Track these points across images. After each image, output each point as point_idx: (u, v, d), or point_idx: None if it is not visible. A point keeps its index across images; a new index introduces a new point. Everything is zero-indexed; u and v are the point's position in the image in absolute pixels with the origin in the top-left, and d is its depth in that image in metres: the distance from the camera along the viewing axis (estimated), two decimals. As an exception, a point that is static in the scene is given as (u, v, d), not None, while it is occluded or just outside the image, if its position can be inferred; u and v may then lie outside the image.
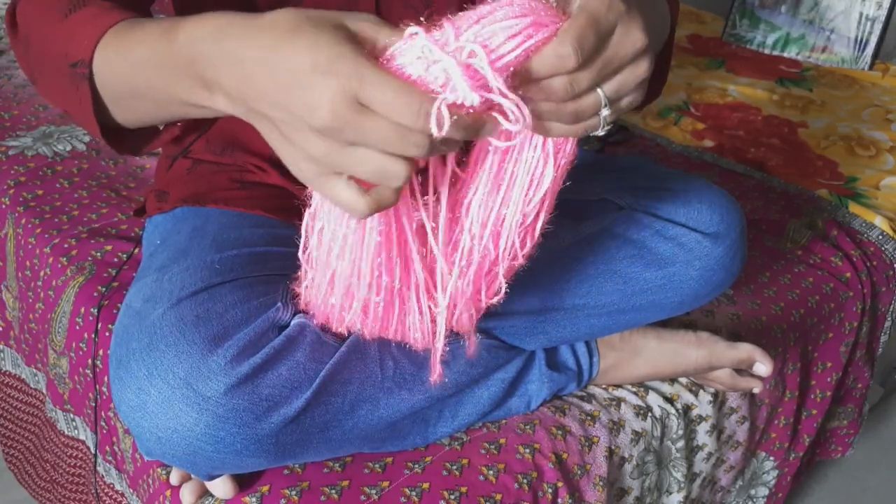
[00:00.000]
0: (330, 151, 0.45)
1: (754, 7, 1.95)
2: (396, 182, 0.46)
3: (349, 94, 0.43)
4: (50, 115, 1.36)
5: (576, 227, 0.84)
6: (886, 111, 1.70)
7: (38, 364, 1.10)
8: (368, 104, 0.43)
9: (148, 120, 0.59)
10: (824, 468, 1.47)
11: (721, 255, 0.83)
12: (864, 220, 1.33)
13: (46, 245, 1.04)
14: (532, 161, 0.53)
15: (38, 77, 0.63)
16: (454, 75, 0.44)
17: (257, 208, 0.81)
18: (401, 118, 0.43)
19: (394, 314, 0.61)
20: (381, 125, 0.44)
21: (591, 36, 0.46)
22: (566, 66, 0.46)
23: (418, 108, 0.43)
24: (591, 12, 0.47)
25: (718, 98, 1.72)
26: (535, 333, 0.84)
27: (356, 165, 0.45)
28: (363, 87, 0.43)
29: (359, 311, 0.60)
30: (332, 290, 0.59)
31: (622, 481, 0.91)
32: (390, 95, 0.43)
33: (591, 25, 0.46)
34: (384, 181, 0.46)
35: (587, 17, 0.46)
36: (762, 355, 0.91)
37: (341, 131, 0.44)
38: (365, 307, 0.60)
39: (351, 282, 0.58)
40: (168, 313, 0.66)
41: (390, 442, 0.77)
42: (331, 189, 0.47)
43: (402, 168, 0.45)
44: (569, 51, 0.46)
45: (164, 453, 0.65)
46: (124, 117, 0.59)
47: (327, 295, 0.60)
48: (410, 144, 0.44)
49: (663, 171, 0.91)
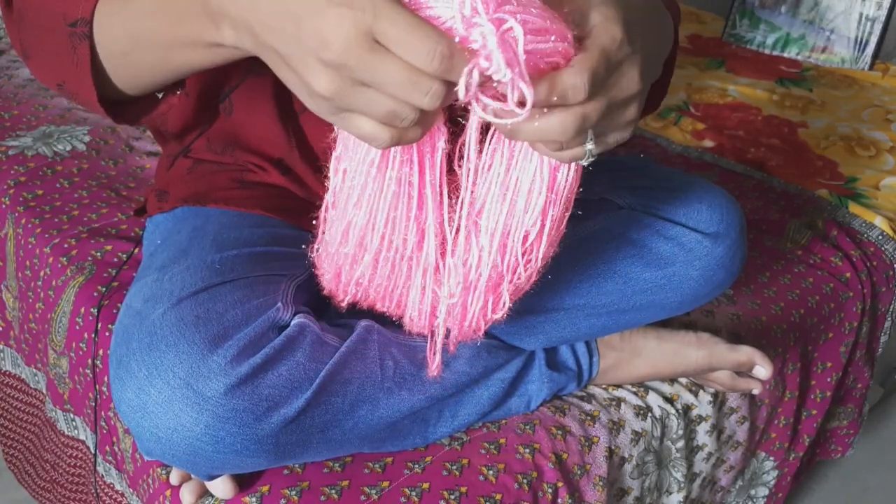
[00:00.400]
0: (340, 90, 0.43)
1: (754, 7, 1.95)
2: (407, 124, 0.44)
3: (363, 29, 0.41)
4: (50, 115, 1.36)
5: (576, 227, 0.84)
6: (886, 111, 1.70)
7: (38, 364, 1.10)
8: (383, 41, 0.42)
9: (148, 79, 0.58)
10: (824, 468, 1.47)
11: (721, 254, 0.83)
12: (864, 221, 1.33)
13: (46, 245, 1.04)
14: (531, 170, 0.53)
15: (32, 50, 0.62)
16: (491, 45, 0.42)
17: (258, 208, 0.81)
18: (414, 58, 0.41)
19: (400, 280, 0.60)
20: (393, 66, 0.42)
21: (603, 71, 0.46)
22: (575, 98, 0.45)
23: (434, 48, 0.41)
24: (604, 49, 0.46)
25: (718, 98, 1.72)
26: (535, 333, 0.84)
27: (366, 107, 0.44)
28: (378, 21, 0.41)
29: (369, 264, 0.59)
30: (346, 240, 0.58)
31: (622, 481, 0.91)
32: (405, 31, 0.41)
33: (605, 60, 0.46)
34: (395, 123, 0.44)
35: (601, 54, 0.46)
36: (762, 359, 0.91)
37: (352, 69, 0.42)
38: (375, 261, 0.58)
39: (365, 231, 0.56)
40: (168, 313, 0.66)
41: (390, 442, 0.77)
42: (348, 123, 0.46)
43: (410, 111, 0.43)
44: (583, 83, 0.45)
45: (164, 453, 0.65)
46: (124, 77, 0.58)
47: (341, 244, 0.59)
48: (422, 92, 0.42)
49: (663, 171, 0.91)
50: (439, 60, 0.41)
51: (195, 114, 0.82)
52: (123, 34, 0.55)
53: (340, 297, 0.65)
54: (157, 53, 0.55)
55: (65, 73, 0.59)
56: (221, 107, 0.82)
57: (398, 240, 0.56)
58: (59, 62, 0.59)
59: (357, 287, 0.62)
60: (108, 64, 0.57)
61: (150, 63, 0.56)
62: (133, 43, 0.55)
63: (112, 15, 0.55)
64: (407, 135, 0.46)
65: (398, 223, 0.55)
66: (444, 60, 0.42)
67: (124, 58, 0.57)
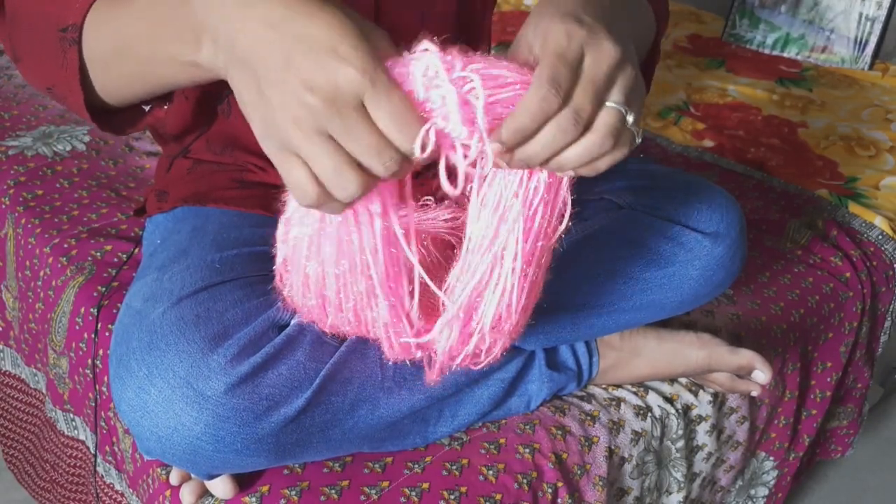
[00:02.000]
0: (301, 131, 0.43)
1: (754, 7, 1.95)
2: (342, 193, 0.45)
3: (357, 90, 0.42)
4: (49, 115, 1.36)
5: (576, 227, 0.84)
6: (886, 111, 1.70)
7: (37, 364, 1.10)
8: (371, 108, 0.43)
9: (128, 91, 0.58)
10: (824, 468, 1.47)
11: (721, 254, 0.83)
12: (863, 220, 1.33)
13: (46, 245, 1.04)
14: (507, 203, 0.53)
15: (23, 53, 0.62)
16: (451, 105, 0.44)
17: (257, 208, 0.81)
18: (396, 134, 0.43)
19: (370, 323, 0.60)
20: (369, 131, 0.43)
21: (563, 69, 0.46)
22: (551, 107, 0.46)
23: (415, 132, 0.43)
24: (553, 49, 0.46)
25: (718, 98, 1.72)
26: (535, 333, 0.84)
27: (317, 156, 0.44)
28: (375, 89, 0.43)
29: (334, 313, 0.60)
30: (307, 293, 0.59)
31: (622, 481, 0.91)
32: (398, 109, 0.43)
33: (559, 60, 0.46)
34: (334, 187, 0.45)
35: (552, 55, 0.46)
36: (762, 363, 0.91)
37: (327, 120, 0.43)
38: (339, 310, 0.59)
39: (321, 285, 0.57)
40: (168, 312, 0.66)
41: (390, 442, 0.77)
42: (287, 164, 0.45)
43: (354, 182, 0.44)
44: (547, 90, 0.45)
45: (164, 453, 0.65)
46: (107, 87, 0.58)
47: (304, 297, 0.60)
48: (384, 160, 0.44)
49: (663, 171, 0.91)
50: (419, 145, 0.43)
51: (194, 116, 0.82)
52: (107, 44, 0.55)
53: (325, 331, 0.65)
54: (137, 67, 0.55)
55: (54, 76, 0.59)
56: (220, 108, 0.82)
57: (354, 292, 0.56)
58: (48, 66, 0.59)
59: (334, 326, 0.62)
60: (92, 72, 0.58)
61: (129, 75, 0.56)
62: (115, 53, 0.55)
63: (101, 24, 0.55)
64: (330, 204, 0.46)
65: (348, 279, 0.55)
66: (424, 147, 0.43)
67: (106, 67, 0.57)
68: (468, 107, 0.45)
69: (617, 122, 0.48)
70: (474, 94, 0.45)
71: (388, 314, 0.56)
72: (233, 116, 0.81)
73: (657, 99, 1.69)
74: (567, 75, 0.46)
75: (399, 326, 0.58)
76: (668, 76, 1.80)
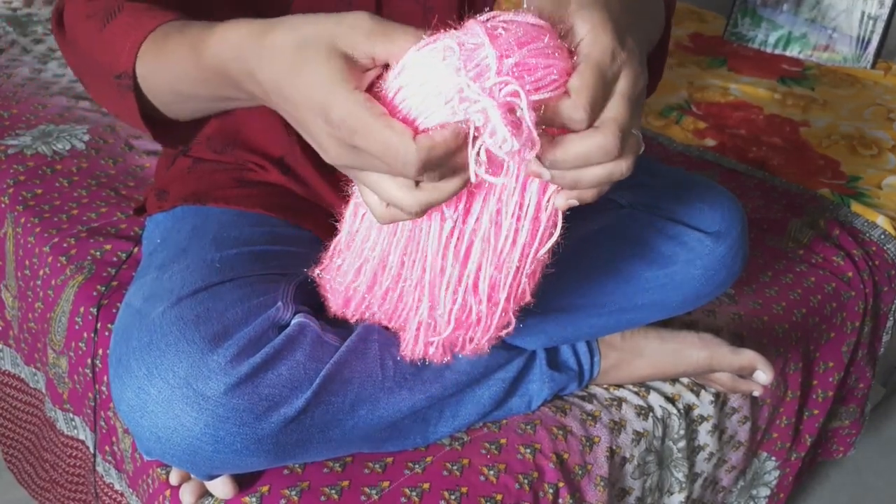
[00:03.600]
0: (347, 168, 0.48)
1: (756, 6, 1.95)
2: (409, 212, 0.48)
3: (343, 141, 0.46)
4: (49, 113, 1.36)
5: (577, 227, 0.83)
6: (888, 110, 1.70)
7: (37, 363, 1.10)
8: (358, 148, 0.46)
9: (200, 114, 0.62)
10: (826, 468, 1.47)
11: (723, 254, 0.83)
12: (866, 220, 1.32)
13: (46, 244, 1.03)
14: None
15: (88, 82, 0.66)
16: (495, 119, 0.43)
17: (257, 207, 0.81)
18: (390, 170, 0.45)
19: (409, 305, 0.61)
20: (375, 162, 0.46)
21: (600, 93, 0.46)
22: (578, 128, 0.47)
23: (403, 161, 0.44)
24: (596, 65, 0.46)
25: (720, 97, 1.71)
26: (536, 333, 0.83)
27: (371, 186, 0.48)
28: (353, 138, 0.45)
29: (379, 296, 0.60)
30: (358, 277, 0.60)
31: (623, 481, 0.91)
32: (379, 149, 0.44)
33: (600, 82, 0.46)
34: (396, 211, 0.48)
35: (594, 74, 0.46)
36: (764, 364, 0.91)
37: (348, 163, 0.47)
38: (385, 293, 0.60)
39: (378, 270, 0.58)
40: (168, 312, 0.65)
41: (391, 442, 0.76)
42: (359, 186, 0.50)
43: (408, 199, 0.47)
44: (582, 116, 0.46)
45: (164, 453, 0.64)
46: (176, 116, 0.62)
47: (353, 281, 0.60)
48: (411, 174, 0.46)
49: (665, 170, 0.91)
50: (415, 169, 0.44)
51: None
52: (166, 91, 0.59)
53: (349, 318, 0.66)
54: (201, 105, 0.60)
55: (116, 110, 0.63)
56: None
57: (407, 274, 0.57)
58: (110, 101, 0.62)
59: (366, 310, 0.63)
60: (157, 105, 0.61)
61: (197, 108, 0.61)
62: (176, 96, 0.59)
63: (152, 74, 0.58)
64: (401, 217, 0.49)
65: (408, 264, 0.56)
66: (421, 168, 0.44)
67: (172, 105, 0.61)
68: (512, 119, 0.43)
69: (637, 149, 0.50)
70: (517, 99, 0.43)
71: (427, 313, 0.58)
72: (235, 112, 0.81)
73: (659, 98, 1.69)
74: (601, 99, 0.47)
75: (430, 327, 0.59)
76: (669, 75, 1.80)
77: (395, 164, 0.44)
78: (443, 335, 0.59)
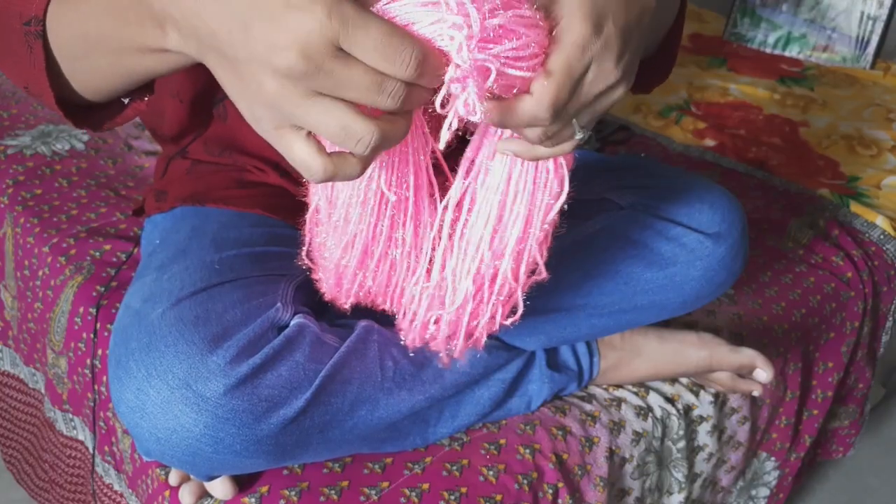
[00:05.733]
0: (290, 100, 0.41)
1: (755, 6, 1.95)
2: (361, 147, 0.42)
3: (327, 36, 0.39)
4: (48, 113, 1.36)
5: (577, 227, 0.83)
6: (888, 110, 1.70)
7: (36, 364, 1.10)
8: (350, 48, 0.40)
9: (103, 84, 0.56)
10: (825, 468, 1.47)
11: (723, 254, 0.83)
12: (865, 220, 1.32)
13: (45, 244, 1.03)
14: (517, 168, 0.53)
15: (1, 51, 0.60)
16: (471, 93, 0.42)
17: (256, 207, 0.81)
18: (386, 65, 0.40)
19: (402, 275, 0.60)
20: (357, 72, 0.40)
21: (566, 92, 0.46)
22: (541, 124, 0.47)
23: (410, 55, 0.40)
24: (567, 65, 0.45)
25: (720, 97, 1.71)
26: (536, 333, 0.83)
27: (318, 119, 0.41)
28: (346, 28, 0.39)
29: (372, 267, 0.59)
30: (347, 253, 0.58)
31: (623, 482, 0.91)
32: (379, 39, 0.39)
33: (567, 80, 0.45)
34: (347, 143, 0.42)
35: (563, 74, 0.45)
36: (764, 362, 0.91)
37: (310, 77, 0.40)
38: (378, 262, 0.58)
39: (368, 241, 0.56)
40: (167, 313, 0.65)
41: (390, 442, 0.76)
42: (286, 143, 0.43)
43: (367, 130, 0.41)
44: (545, 114, 0.45)
45: (163, 454, 0.64)
46: (81, 81, 0.56)
47: (342, 258, 0.58)
48: (386, 94, 0.41)
49: (664, 171, 0.91)
50: (414, 67, 0.40)
51: (190, 118, 0.82)
52: (74, 36, 0.53)
53: (343, 301, 0.64)
54: (108, 58, 0.52)
55: (27, 74, 0.57)
56: (216, 112, 0.82)
57: (399, 236, 0.56)
58: (21, 63, 0.56)
59: (360, 289, 0.62)
60: (63, 66, 0.55)
61: (102, 68, 0.54)
62: (82, 46, 0.53)
63: (63, 15, 0.53)
64: (346, 168, 0.44)
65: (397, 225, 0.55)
66: (419, 66, 0.41)
67: (75, 60, 0.55)
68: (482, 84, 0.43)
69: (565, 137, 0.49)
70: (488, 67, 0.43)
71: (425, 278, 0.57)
72: (230, 120, 0.81)
73: (658, 98, 1.69)
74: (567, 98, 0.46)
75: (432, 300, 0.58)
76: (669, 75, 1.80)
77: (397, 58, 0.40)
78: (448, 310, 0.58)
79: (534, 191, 0.53)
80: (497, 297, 0.58)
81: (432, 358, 0.76)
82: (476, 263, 0.56)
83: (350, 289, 0.62)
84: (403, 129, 0.44)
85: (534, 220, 0.54)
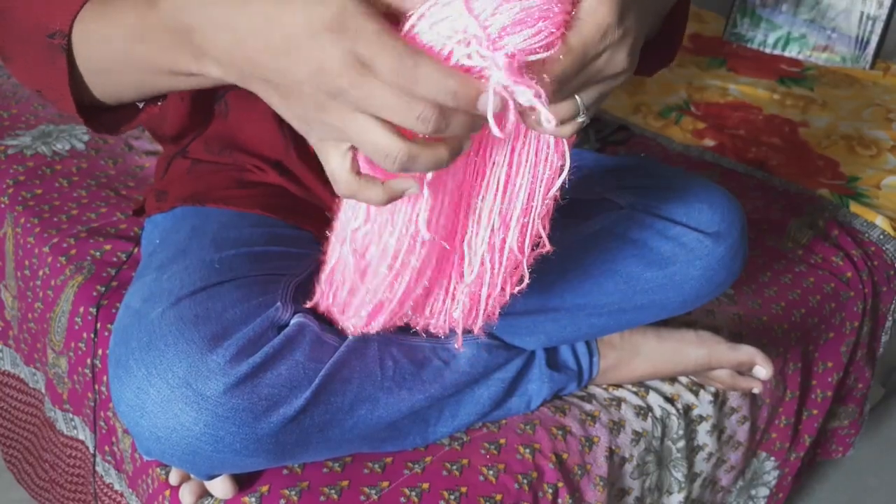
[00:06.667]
0: (332, 116, 0.44)
1: (755, 6, 1.95)
2: (389, 163, 0.44)
3: (350, 52, 0.41)
4: (49, 113, 1.36)
5: (577, 227, 0.83)
6: (887, 110, 1.70)
7: (37, 364, 1.10)
8: (369, 65, 0.42)
9: (129, 95, 0.57)
10: (825, 468, 1.47)
11: (722, 254, 0.83)
12: (865, 220, 1.32)
13: (45, 244, 1.03)
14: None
15: (12, 53, 0.60)
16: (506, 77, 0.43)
17: (257, 207, 0.81)
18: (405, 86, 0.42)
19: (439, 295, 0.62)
20: (385, 92, 0.42)
21: (574, 72, 0.46)
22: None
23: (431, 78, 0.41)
24: (583, 45, 0.45)
25: (719, 97, 1.71)
26: (536, 333, 0.84)
27: (356, 133, 0.44)
28: (364, 46, 0.41)
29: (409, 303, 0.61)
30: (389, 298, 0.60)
31: (622, 481, 0.91)
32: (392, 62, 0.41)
33: (579, 59, 0.46)
34: (377, 158, 0.44)
35: (578, 52, 0.45)
36: (763, 359, 0.91)
37: (345, 92, 0.42)
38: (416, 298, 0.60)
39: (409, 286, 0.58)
40: (167, 312, 0.65)
41: (390, 442, 0.76)
42: (325, 154, 0.47)
43: (396, 147, 0.43)
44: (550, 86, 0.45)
45: (164, 453, 0.64)
46: (103, 92, 0.57)
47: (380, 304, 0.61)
48: (414, 115, 0.42)
49: (664, 171, 0.91)
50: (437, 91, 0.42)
51: (190, 116, 0.82)
52: (101, 54, 0.54)
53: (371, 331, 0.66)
54: (137, 76, 0.54)
55: (44, 81, 0.58)
56: (217, 109, 0.82)
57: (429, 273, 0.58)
58: (37, 70, 0.57)
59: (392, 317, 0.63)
60: (86, 76, 0.56)
61: (129, 83, 0.55)
62: (112, 63, 0.54)
63: (91, 34, 0.53)
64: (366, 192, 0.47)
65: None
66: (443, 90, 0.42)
67: (102, 76, 0.56)
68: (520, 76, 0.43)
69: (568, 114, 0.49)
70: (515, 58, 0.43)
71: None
72: (231, 117, 0.81)
73: (658, 98, 1.69)
74: (573, 76, 0.46)
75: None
76: (668, 75, 1.80)
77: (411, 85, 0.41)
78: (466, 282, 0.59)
79: (535, 163, 0.54)
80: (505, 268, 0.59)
81: (432, 357, 0.76)
82: (488, 234, 0.57)
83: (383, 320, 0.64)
84: (444, 155, 0.45)
85: (536, 193, 0.55)
